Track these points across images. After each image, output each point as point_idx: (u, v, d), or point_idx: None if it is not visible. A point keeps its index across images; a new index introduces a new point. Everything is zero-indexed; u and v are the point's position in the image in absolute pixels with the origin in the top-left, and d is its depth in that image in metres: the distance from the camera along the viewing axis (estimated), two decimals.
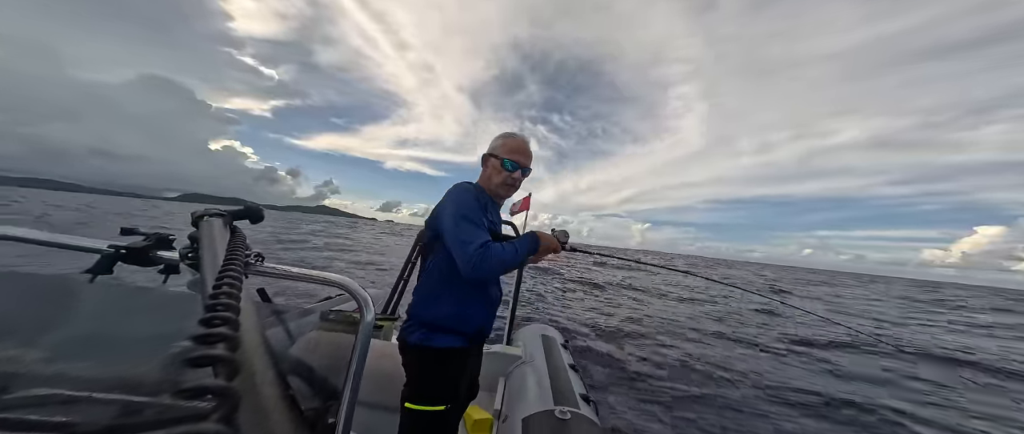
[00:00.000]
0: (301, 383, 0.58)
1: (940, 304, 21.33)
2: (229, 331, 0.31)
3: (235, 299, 0.31)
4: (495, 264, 1.10)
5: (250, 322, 0.33)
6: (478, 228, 1.17)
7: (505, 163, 1.34)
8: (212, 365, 0.30)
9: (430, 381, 1.20)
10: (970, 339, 9.63)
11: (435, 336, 1.20)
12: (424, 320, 1.22)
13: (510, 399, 2.07)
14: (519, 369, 2.35)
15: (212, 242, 0.52)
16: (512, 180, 1.37)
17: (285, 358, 0.63)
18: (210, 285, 0.32)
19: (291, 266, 0.66)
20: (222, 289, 0.31)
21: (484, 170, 1.42)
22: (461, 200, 1.24)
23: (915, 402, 4.84)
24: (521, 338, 3.01)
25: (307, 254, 15.49)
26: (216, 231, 0.55)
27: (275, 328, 0.66)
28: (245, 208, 0.67)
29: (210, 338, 0.31)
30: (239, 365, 0.30)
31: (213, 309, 0.31)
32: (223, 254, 0.47)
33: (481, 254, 1.09)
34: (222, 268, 0.37)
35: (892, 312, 15.06)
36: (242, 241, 0.58)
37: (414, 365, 1.22)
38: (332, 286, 0.66)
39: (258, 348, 0.32)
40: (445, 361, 1.21)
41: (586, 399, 1.97)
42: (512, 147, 1.36)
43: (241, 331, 0.31)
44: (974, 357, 7.31)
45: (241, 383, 0.30)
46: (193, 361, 0.30)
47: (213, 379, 0.30)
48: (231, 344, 0.31)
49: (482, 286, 1.31)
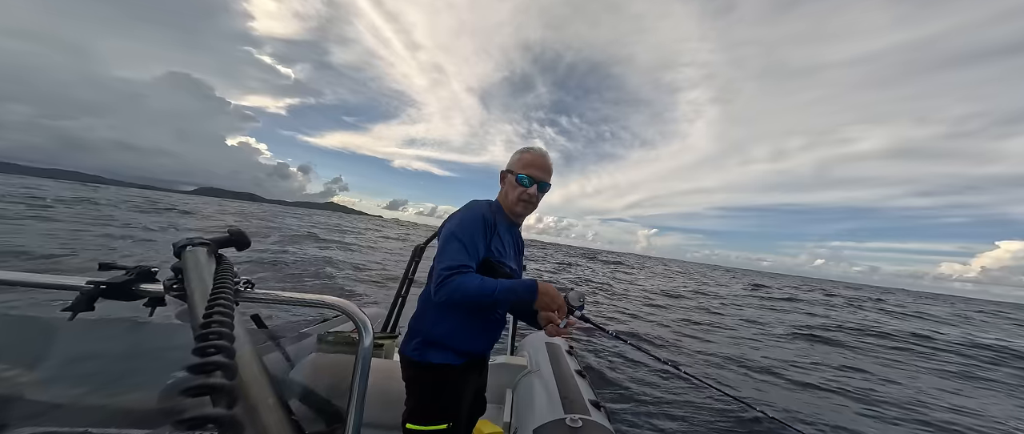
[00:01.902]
0: (304, 407, 0.55)
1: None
2: (224, 359, 0.30)
3: (228, 326, 0.31)
4: (459, 294, 1.01)
5: (246, 349, 0.32)
6: (463, 250, 1.09)
7: (520, 178, 1.25)
8: (211, 394, 0.30)
9: (430, 399, 1.16)
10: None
11: (432, 351, 1.17)
12: (423, 335, 1.19)
13: (519, 411, 2.03)
14: (526, 379, 2.31)
15: (199, 271, 0.50)
16: (528, 196, 1.27)
17: (285, 383, 0.60)
18: (200, 314, 0.32)
19: (282, 291, 0.64)
20: (213, 317, 0.31)
21: (501, 187, 1.35)
22: (463, 218, 1.19)
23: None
24: (525, 347, 2.96)
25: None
26: (201, 260, 0.53)
27: (273, 353, 0.63)
28: (230, 235, 0.64)
29: (206, 367, 0.30)
30: (238, 392, 0.29)
31: (205, 338, 0.31)
32: (211, 283, 0.46)
33: (448, 277, 1.01)
34: (211, 296, 0.35)
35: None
36: (229, 269, 0.55)
37: (413, 382, 1.19)
38: (328, 308, 0.63)
39: (256, 374, 0.31)
40: (444, 378, 1.18)
41: (597, 405, 1.93)
42: (528, 161, 1.27)
43: (237, 358, 0.30)
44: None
45: (242, 411, 0.29)
46: (191, 391, 0.30)
47: (213, 408, 0.29)
48: (228, 372, 0.30)
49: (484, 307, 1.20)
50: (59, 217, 14.38)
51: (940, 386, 6.17)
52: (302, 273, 9.68)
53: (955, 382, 6.64)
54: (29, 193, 27.54)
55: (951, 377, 6.94)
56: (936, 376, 6.91)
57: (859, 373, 6.41)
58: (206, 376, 0.30)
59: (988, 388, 6.52)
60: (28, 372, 0.48)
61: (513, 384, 2.36)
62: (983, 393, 6.17)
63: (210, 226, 19.55)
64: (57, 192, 37.13)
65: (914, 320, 16.61)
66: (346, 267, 12.09)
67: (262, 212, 63.46)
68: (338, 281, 9.23)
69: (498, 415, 2.07)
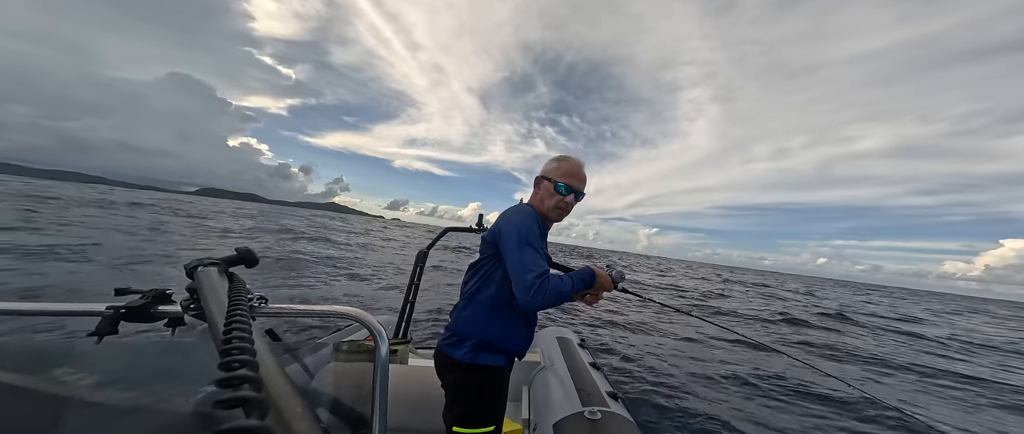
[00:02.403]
0: (329, 415, 0.56)
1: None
2: (250, 372, 0.31)
3: (249, 341, 0.32)
4: (552, 296, 1.09)
5: (268, 362, 0.32)
6: (539, 256, 1.14)
7: (559, 187, 1.30)
8: (242, 406, 0.30)
9: (477, 401, 1.19)
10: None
11: (485, 354, 1.19)
12: (474, 339, 1.20)
13: (537, 407, 2.04)
14: (541, 375, 2.32)
15: (214, 290, 0.50)
16: (565, 204, 1.33)
17: (309, 393, 0.61)
18: (221, 331, 0.32)
19: (295, 303, 0.64)
20: (233, 333, 0.32)
21: (536, 192, 1.38)
22: (525, 225, 1.20)
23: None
24: (537, 343, 2.97)
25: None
26: (214, 279, 0.54)
27: (292, 365, 0.64)
28: (238, 254, 0.66)
29: (234, 381, 0.31)
30: (268, 404, 0.30)
31: (229, 353, 0.32)
32: (225, 300, 0.46)
33: (540, 284, 1.07)
34: (228, 313, 0.36)
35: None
36: (242, 286, 0.56)
37: (461, 386, 1.20)
38: (342, 318, 0.64)
39: (282, 386, 0.32)
40: (492, 380, 1.21)
41: (614, 396, 1.93)
42: (566, 170, 1.32)
43: (261, 371, 0.31)
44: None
45: (273, 420, 0.30)
46: (223, 404, 0.30)
47: (248, 420, 0.30)
48: (255, 385, 0.31)
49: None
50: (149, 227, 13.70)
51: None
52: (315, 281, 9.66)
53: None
54: (101, 198, 27.10)
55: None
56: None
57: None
58: (235, 389, 0.30)
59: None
60: (64, 393, 0.50)
61: (528, 381, 2.37)
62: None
63: (240, 230, 19.14)
64: (128, 197, 36.26)
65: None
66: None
67: (264, 212, 63.42)
68: (350, 286, 9.26)
69: (516, 413, 2.08)
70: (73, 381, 0.53)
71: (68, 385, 0.52)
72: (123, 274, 6.67)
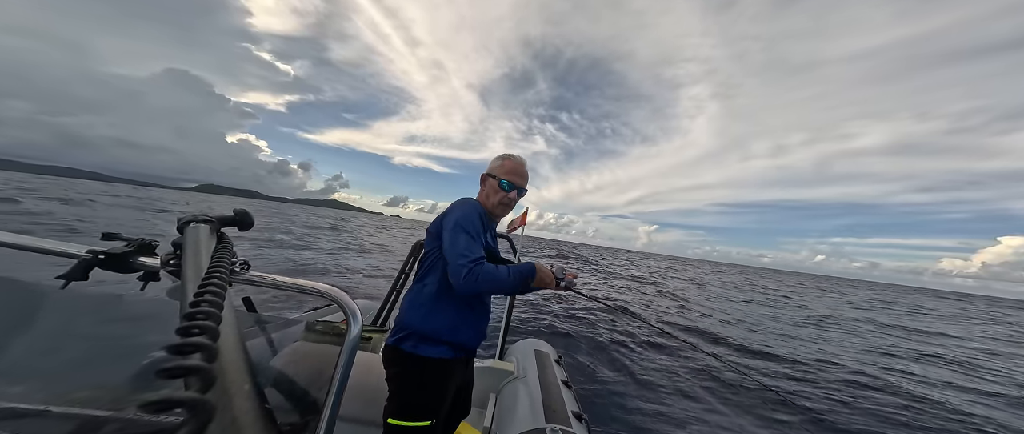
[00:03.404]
0: (280, 396, 0.55)
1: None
2: (207, 341, 0.29)
3: (217, 307, 0.30)
4: (486, 282, 1.11)
5: (231, 332, 0.32)
6: (475, 243, 1.18)
7: (502, 183, 1.38)
8: (186, 376, 0.29)
9: (416, 394, 1.17)
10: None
11: (425, 346, 1.19)
12: (416, 329, 1.20)
13: (500, 416, 2.02)
14: (511, 385, 2.30)
15: (197, 249, 0.50)
16: (508, 200, 1.40)
17: (265, 370, 0.60)
18: (191, 293, 0.31)
19: (277, 275, 0.64)
20: (204, 297, 0.30)
21: (482, 189, 1.45)
22: (464, 213, 1.25)
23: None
24: (514, 353, 2.95)
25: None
26: (202, 237, 0.53)
27: (258, 338, 0.63)
28: (234, 214, 0.65)
29: (187, 348, 0.29)
30: (215, 376, 0.29)
31: (192, 317, 0.30)
32: (207, 261, 0.46)
33: (473, 269, 1.10)
34: (206, 276, 0.35)
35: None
36: (229, 248, 0.56)
37: (400, 376, 1.20)
38: (320, 296, 0.63)
39: (237, 359, 0.31)
40: (434, 373, 1.19)
41: (578, 417, 1.92)
42: (509, 168, 1.40)
43: (220, 341, 0.30)
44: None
45: (215, 396, 0.29)
46: (166, 372, 0.29)
47: (185, 391, 0.29)
48: (208, 354, 0.29)
49: (477, 299, 1.32)
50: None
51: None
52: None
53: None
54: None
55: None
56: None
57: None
58: (184, 357, 0.29)
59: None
60: (5, 342, 0.48)
61: (498, 389, 2.35)
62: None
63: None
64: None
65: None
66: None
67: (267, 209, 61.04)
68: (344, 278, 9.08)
69: (479, 419, 2.06)
70: (19, 327, 0.51)
71: (10, 332, 0.50)
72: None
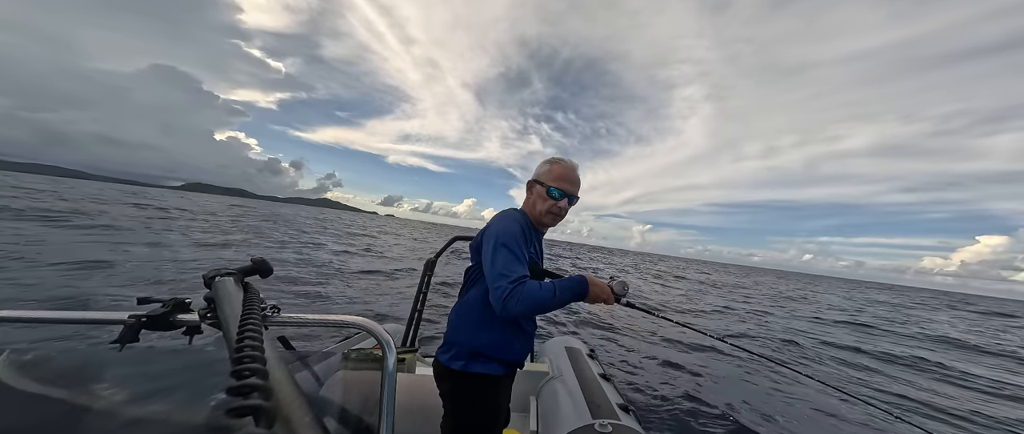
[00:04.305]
0: (336, 424, 0.57)
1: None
2: (259, 381, 0.32)
3: (259, 350, 0.33)
4: (528, 303, 1.01)
5: (278, 370, 0.34)
6: (517, 261, 1.08)
7: (551, 191, 1.25)
8: (252, 414, 0.31)
9: (471, 411, 1.17)
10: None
11: (476, 363, 1.17)
12: (466, 347, 1.18)
13: (545, 418, 2.01)
14: (549, 385, 2.29)
15: (229, 300, 0.53)
16: (558, 209, 1.27)
17: (316, 401, 0.62)
18: (233, 340, 0.34)
19: (307, 313, 0.66)
20: (245, 342, 0.33)
21: (528, 196, 1.33)
22: (504, 229, 1.15)
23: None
24: (546, 353, 2.94)
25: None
26: (230, 289, 0.57)
27: (302, 372, 0.65)
28: (253, 264, 0.69)
29: (243, 389, 0.32)
30: (276, 412, 0.31)
31: (240, 361, 0.33)
32: (240, 310, 0.49)
33: (514, 290, 1.01)
34: (241, 322, 0.38)
35: None
36: (256, 295, 0.59)
37: (455, 394, 1.19)
38: (351, 328, 0.65)
39: (291, 394, 0.33)
40: (487, 389, 1.19)
41: (625, 408, 1.90)
42: (559, 174, 1.27)
43: (271, 380, 0.32)
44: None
45: (281, 429, 0.31)
46: (233, 412, 0.32)
47: (255, 427, 0.31)
48: (264, 393, 0.32)
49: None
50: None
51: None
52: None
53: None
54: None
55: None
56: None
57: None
58: (244, 397, 0.31)
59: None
60: (91, 400, 0.52)
61: (536, 391, 2.34)
62: None
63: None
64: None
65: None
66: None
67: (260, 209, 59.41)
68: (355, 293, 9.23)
69: (523, 424, 2.05)
70: (97, 390, 0.56)
71: (92, 395, 0.55)
72: (143, 286, 6.81)
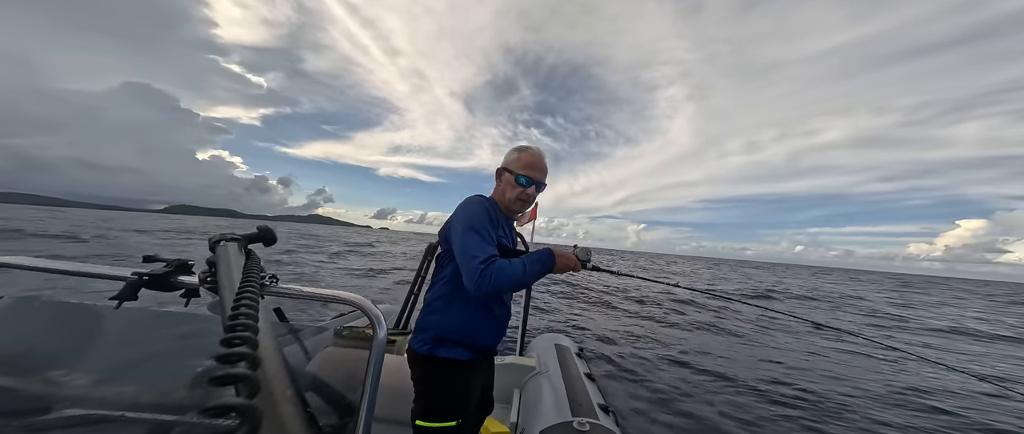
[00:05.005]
0: (318, 400, 0.59)
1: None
2: (249, 350, 0.32)
3: (253, 319, 0.33)
4: (501, 280, 1.07)
5: (268, 341, 0.34)
6: (485, 242, 1.14)
7: (519, 179, 1.31)
8: (235, 383, 0.32)
9: (438, 395, 1.18)
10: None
11: (442, 348, 1.19)
12: (432, 331, 1.21)
13: (526, 411, 2.04)
14: (534, 380, 2.33)
15: (228, 266, 0.54)
16: (526, 196, 1.34)
17: (303, 375, 0.64)
18: (229, 307, 0.34)
19: (304, 286, 0.67)
20: (240, 310, 0.33)
21: (498, 184, 1.39)
22: (471, 212, 1.22)
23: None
24: (534, 348, 2.98)
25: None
26: (232, 255, 0.58)
27: (292, 346, 0.67)
28: (258, 232, 0.70)
29: (231, 358, 0.32)
30: (260, 383, 0.32)
31: (233, 330, 0.33)
32: (239, 276, 0.49)
33: (485, 269, 1.06)
34: (239, 290, 0.38)
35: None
36: (257, 264, 0.60)
37: (422, 378, 1.21)
38: (344, 304, 0.66)
39: (277, 366, 0.34)
40: (453, 374, 1.19)
41: (605, 409, 1.93)
42: (526, 162, 1.33)
43: (260, 350, 0.33)
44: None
45: (262, 400, 0.31)
46: (217, 380, 0.32)
47: (236, 397, 0.32)
48: (252, 363, 0.32)
49: (495, 299, 1.29)
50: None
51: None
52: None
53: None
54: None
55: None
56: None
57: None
58: (231, 366, 0.32)
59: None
60: (77, 355, 0.54)
61: (521, 384, 2.38)
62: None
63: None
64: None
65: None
66: None
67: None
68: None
69: (505, 415, 2.09)
70: (86, 345, 0.57)
71: (80, 349, 0.56)
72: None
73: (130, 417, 0.43)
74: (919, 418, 4.32)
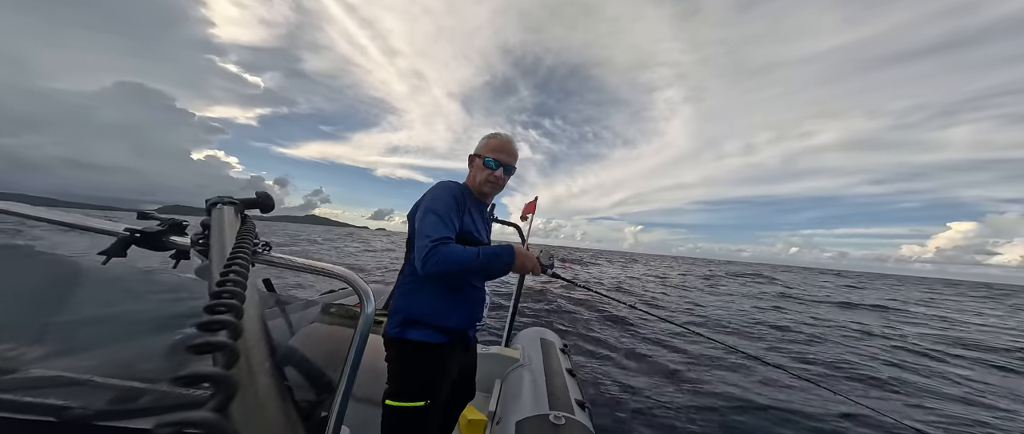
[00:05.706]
0: (297, 374, 0.59)
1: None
2: (232, 319, 0.31)
3: (240, 287, 0.31)
4: (449, 263, 1.07)
5: (253, 311, 0.34)
6: (441, 224, 1.15)
7: (487, 161, 1.34)
8: (213, 352, 0.30)
9: (407, 376, 1.19)
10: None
11: (411, 330, 1.20)
12: (404, 313, 1.22)
13: (505, 401, 2.07)
14: (516, 372, 2.35)
15: (222, 229, 0.53)
16: (495, 178, 1.36)
17: (284, 348, 0.64)
18: (217, 272, 0.33)
19: (296, 257, 0.67)
20: (228, 277, 0.32)
21: (470, 170, 1.42)
22: (435, 196, 1.24)
23: None
24: (520, 341, 3.01)
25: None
26: (227, 219, 0.57)
27: (277, 318, 0.67)
28: (256, 197, 0.69)
29: (213, 325, 0.31)
30: (239, 353, 0.30)
31: (218, 296, 0.31)
32: (232, 242, 0.49)
33: (433, 248, 1.06)
34: (230, 256, 0.38)
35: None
36: (251, 230, 0.59)
37: (394, 359, 1.22)
38: (335, 278, 0.65)
39: (258, 337, 0.33)
40: (422, 356, 1.20)
41: (582, 405, 1.96)
42: (494, 146, 1.36)
43: (244, 319, 0.31)
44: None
45: (239, 372, 0.30)
46: (195, 348, 0.30)
47: (212, 367, 0.30)
48: (233, 332, 0.31)
49: (464, 282, 1.29)
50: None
51: None
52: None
53: None
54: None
55: None
56: None
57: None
58: (211, 334, 0.30)
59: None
60: (52, 312, 0.53)
61: (503, 375, 2.41)
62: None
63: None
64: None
65: None
66: None
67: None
68: None
69: (484, 403, 2.12)
70: (66, 299, 0.56)
71: (60, 303, 0.55)
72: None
73: (98, 382, 0.42)
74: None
